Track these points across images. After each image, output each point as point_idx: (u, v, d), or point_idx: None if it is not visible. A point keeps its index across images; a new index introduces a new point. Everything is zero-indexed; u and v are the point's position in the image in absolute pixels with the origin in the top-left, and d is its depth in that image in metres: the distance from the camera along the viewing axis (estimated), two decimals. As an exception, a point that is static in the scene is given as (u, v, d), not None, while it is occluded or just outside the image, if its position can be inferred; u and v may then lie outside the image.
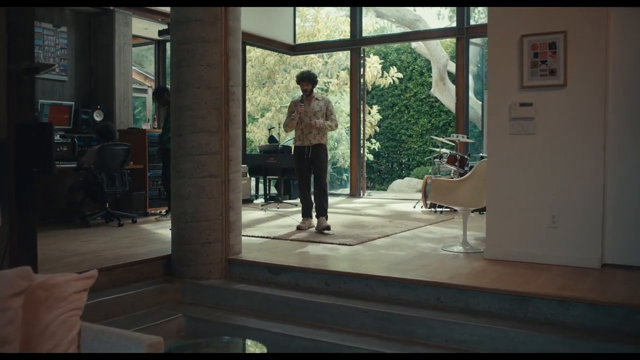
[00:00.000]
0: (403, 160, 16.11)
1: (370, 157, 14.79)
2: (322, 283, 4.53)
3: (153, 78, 11.11)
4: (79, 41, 8.23)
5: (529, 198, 4.76)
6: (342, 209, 9.01)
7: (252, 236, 6.18)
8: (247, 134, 15.07)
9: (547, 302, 3.73)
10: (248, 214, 8.26)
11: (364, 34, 11.58)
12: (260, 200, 10.33)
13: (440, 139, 9.06)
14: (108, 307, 4.35)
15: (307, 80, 6.70)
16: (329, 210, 6.93)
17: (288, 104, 7.29)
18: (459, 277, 4.26)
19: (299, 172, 6.88)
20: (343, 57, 14.03)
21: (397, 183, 14.59)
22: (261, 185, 10.66)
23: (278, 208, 9.01)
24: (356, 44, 11.06)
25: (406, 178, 14.68)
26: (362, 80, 11.20)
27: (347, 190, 11.87)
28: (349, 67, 11.92)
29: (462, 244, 5.37)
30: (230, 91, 4.93)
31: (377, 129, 14.60)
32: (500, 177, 4.87)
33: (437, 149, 8.81)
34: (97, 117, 8.07)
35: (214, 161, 4.88)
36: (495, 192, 4.90)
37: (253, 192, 10.74)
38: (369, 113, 13.88)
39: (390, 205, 9.58)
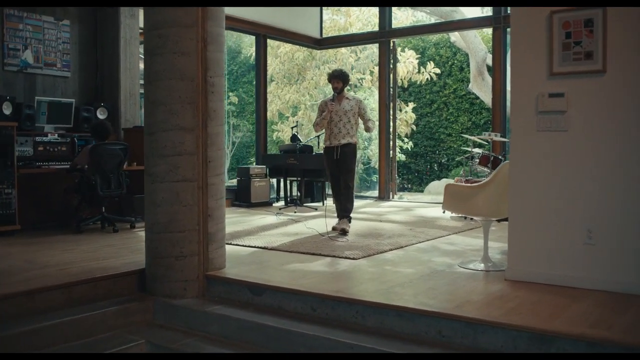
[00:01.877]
0: (442, 161, 15.22)
1: (402, 157, 13.98)
2: (309, 307, 3.84)
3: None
4: (84, 35, 7.76)
5: (559, 208, 3.94)
6: (364, 213, 8.28)
7: (249, 246, 5.54)
8: (277, 132, 14.55)
9: (573, 343, 2.94)
10: (260, 219, 7.65)
11: (400, 27, 10.83)
12: (281, 203, 9.69)
13: (473, 137, 8.22)
14: (61, 331, 3.79)
15: (337, 77, 6.55)
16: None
17: (318, 103, 7.11)
18: (469, 306, 3.50)
19: (329, 174, 6.72)
20: (377, 52, 13.27)
21: (434, 185, 13.76)
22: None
23: (295, 212, 8.36)
24: (385, 36, 10.31)
25: (443, 179, 13.81)
26: (391, 76, 10.42)
27: (376, 193, 11.10)
28: (380, 61, 11.14)
29: (483, 260, 4.59)
30: (208, 83, 4.29)
31: (414, 127, 13.76)
32: (525, 182, 4.06)
33: (470, 149, 7.99)
34: (101, 114, 7.59)
35: (189, 163, 4.24)
36: (518, 201, 4.09)
37: (273, 194, 10.12)
38: (401, 110, 13.07)
39: (417, 210, 8.79)
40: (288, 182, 9.75)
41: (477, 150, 7.82)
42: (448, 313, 3.33)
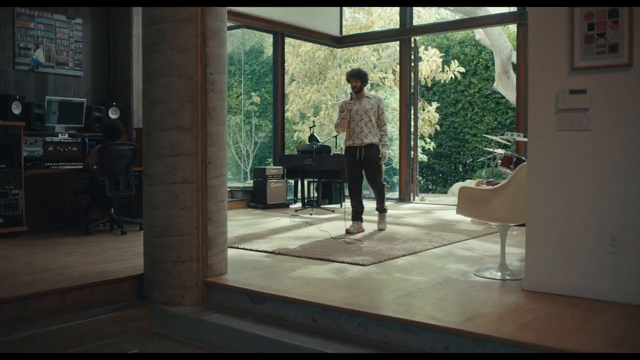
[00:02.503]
0: (467, 162, 14.85)
1: (424, 158, 13.66)
2: (309, 318, 3.62)
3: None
4: (96, 33, 7.66)
5: (580, 213, 3.65)
6: (381, 216, 8.00)
7: (256, 250, 5.34)
8: (297, 133, 14.36)
9: (592, 365, 2.67)
10: (273, 222, 7.45)
11: (421, 24, 10.54)
12: (298, 205, 9.48)
13: (495, 137, 7.91)
14: (52, 339, 3.63)
15: (355, 76, 6.55)
16: (365, 217, 6.73)
17: (339, 102, 7.04)
18: (479, 319, 3.23)
19: (349, 174, 6.65)
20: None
21: (457, 186, 13.40)
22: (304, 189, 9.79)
23: (311, 214, 8.15)
24: (405, 33, 10.03)
25: (467, 181, 13.45)
26: (412, 74, 10.14)
27: (397, 195, 10.81)
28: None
29: (500, 267, 4.32)
30: (208, 80, 4.10)
31: (438, 127, 13.43)
32: (544, 185, 3.78)
33: (493, 149, 7.69)
34: (113, 114, 7.47)
35: (187, 164, 4.05)
36: (536, 205, 3.81)
37: (291, 195, 9.91)
38: (424, 110, 12.75)
39: (438, 213, 8.51)
40: (305, 183, 9.54)
41: (499, 151, 7.52)
42: (455, 328, 3.08)
